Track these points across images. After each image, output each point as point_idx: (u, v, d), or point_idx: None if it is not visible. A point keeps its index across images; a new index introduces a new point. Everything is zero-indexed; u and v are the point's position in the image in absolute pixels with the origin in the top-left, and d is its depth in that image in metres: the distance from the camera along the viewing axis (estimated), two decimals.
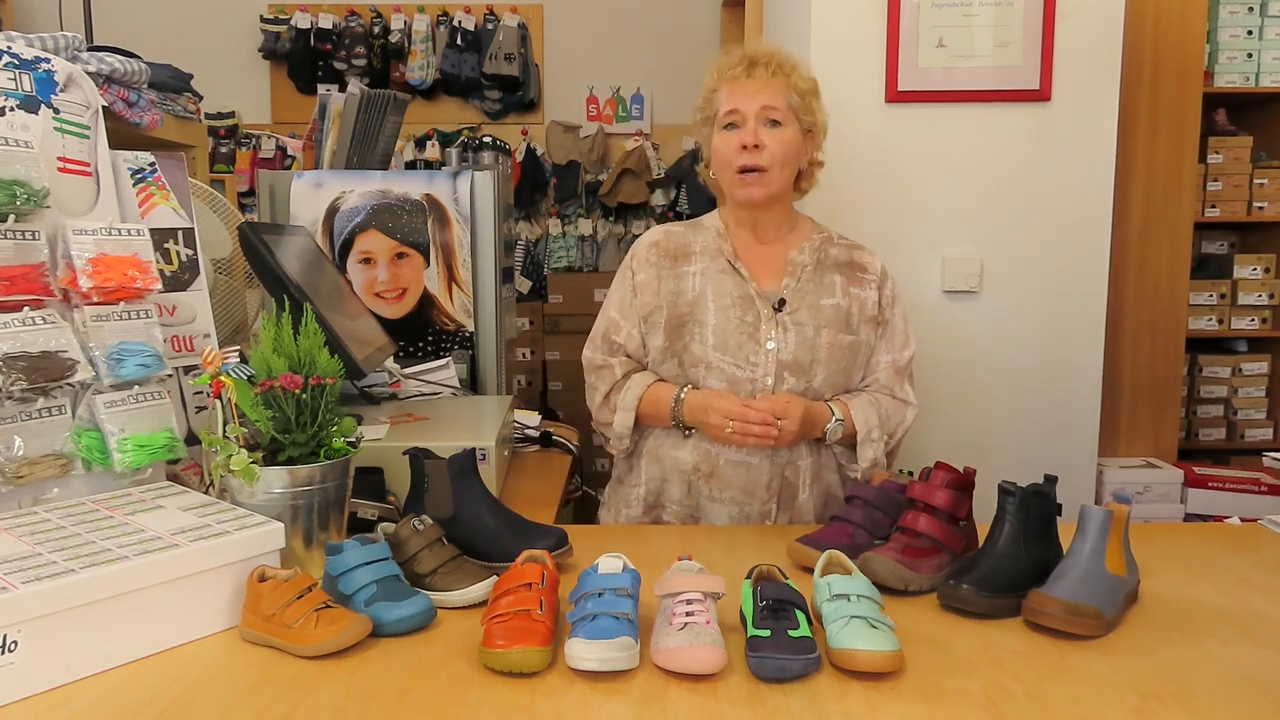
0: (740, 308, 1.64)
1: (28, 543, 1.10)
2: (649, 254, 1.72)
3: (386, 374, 2.13)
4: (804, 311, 1.64)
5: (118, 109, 1.64)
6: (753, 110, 1.61)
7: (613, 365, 1.70)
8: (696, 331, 1.64)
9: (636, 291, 1.70)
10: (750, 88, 1.62)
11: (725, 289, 1.65)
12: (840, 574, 1.14)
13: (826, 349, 1.62)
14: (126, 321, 1.36)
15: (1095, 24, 2.23)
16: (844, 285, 1.68)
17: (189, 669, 1.05)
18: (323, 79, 4.92)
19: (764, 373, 1.61)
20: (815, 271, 1.68)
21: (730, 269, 1.67)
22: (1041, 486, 1.26)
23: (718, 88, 1.66)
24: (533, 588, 1.09)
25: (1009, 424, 2.35)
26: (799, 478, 1.65)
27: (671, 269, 1.69)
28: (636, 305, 1.70)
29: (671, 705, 0.96)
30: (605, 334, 1.73)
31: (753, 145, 1.60)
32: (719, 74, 1.67)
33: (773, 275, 1.68)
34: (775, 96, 1.62)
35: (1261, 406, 3.59)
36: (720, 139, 1.65)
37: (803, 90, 1.65)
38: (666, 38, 4.90)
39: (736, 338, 1.62)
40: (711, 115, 1.68)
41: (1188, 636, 1.13)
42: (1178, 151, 2.69)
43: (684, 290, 1.67)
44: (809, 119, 1.67)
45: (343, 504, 1.33)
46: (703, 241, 1.71)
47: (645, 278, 1.70)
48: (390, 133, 2.50)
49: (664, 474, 1.68)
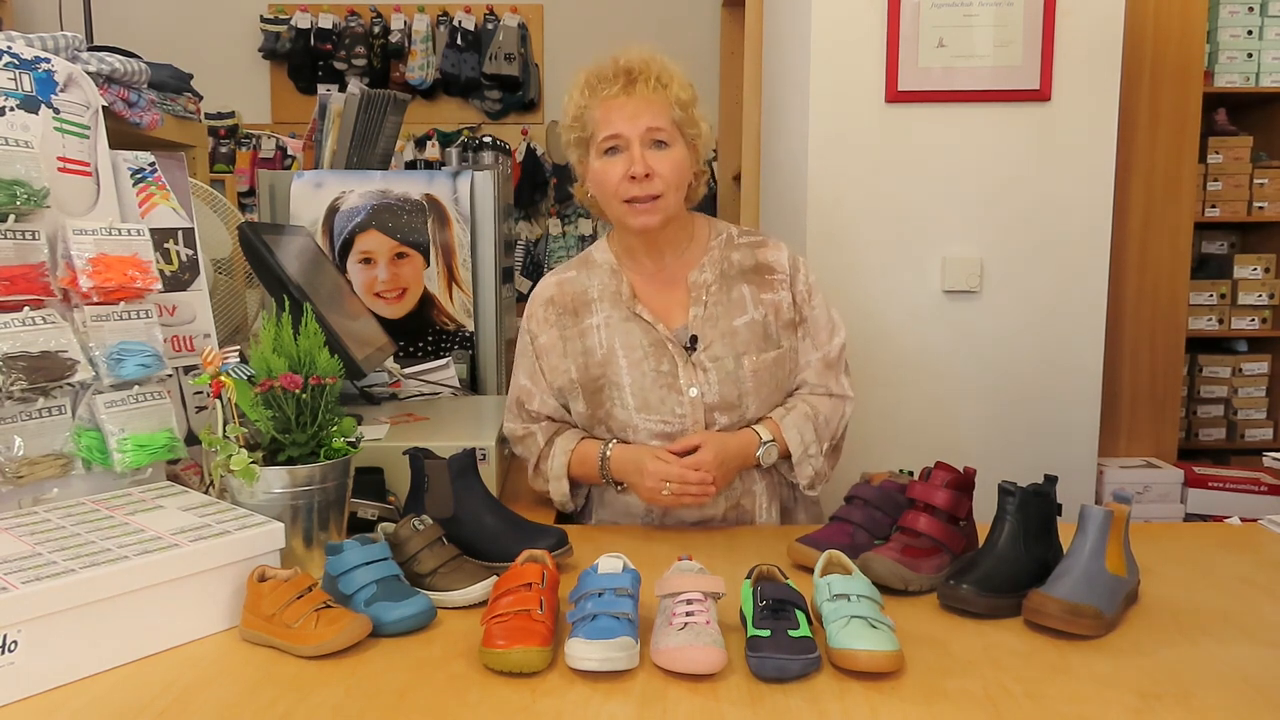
0: (654, 358, 1.54)
1: (28, 543, 1.10)
2: (545, 313, 1.61)
3: (386, 374, 2.13)
4: (718, 344, 1.54)
5: (118, 109, 1.64)
6: (636, 133, 1.46)
7: (534, 433, 1.62)
8: (615, 395, 1.55)
9: (540, 356, 1.61)
10: (630, 108, 1.47)
11: (633, 340, 1.55)
12: (840, 574, 1.14)
13: (752, 377, 1.54)
14: (126, 321, 1.36)
15: (1095, 24, 2.23)
16: (754, 295, 1.58)
17: (189, 669, 1.05)
18: (323, 79, 4.93)
19: (692, 421, 1.53)
20: (721, 289, 1.57)
21: (633, 315, 1.57)
22: (1041, 486, 1.26)
23: (590, 106, 1.50)
24: (533, 588, 1.09)
25: (1009, 424, 2.35)
26: (755, 504, 1.60)
27: (575, 325, 1.59)
28: (545, 371, 1.61)
29: (671, 705, 0.96)
30: (519, 402, 1.64)
31: (643, 176, 1.46)
32: (591, 90, 1.50)
33: (677, 308, 1.58)
34: (659, 115, 1.47)
35: (1261, 406, 3.59)
36: (602, 165, 1.50)
37: (684, 102, 1.51)
38: (666, 38, 4.86)
39: (657, 393, 1.53)
40: (586, 137, 1.53)
41: (1188, 636, 1.13)
42: (1178, 151, 2.69)
43: (592, 349, 1.57)
44: (693, 131, 1.53)
45: (343, 504, 1.33)
46: (599, 284, 1.60)
47: (547, 341, 1.60)
48: (390, 133, 2.50)
49: (614, 518, 1.63)
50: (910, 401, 2.35)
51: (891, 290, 2.32)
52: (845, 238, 2.31)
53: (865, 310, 2.32)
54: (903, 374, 2.34)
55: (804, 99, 2.33)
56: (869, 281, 2.32)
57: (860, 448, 2.32)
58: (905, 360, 2.34)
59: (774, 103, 2.80)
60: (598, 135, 1.50)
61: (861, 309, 2.32)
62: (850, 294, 2.32)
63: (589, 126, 1.52)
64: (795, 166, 2.43)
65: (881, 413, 2.34)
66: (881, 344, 2.33)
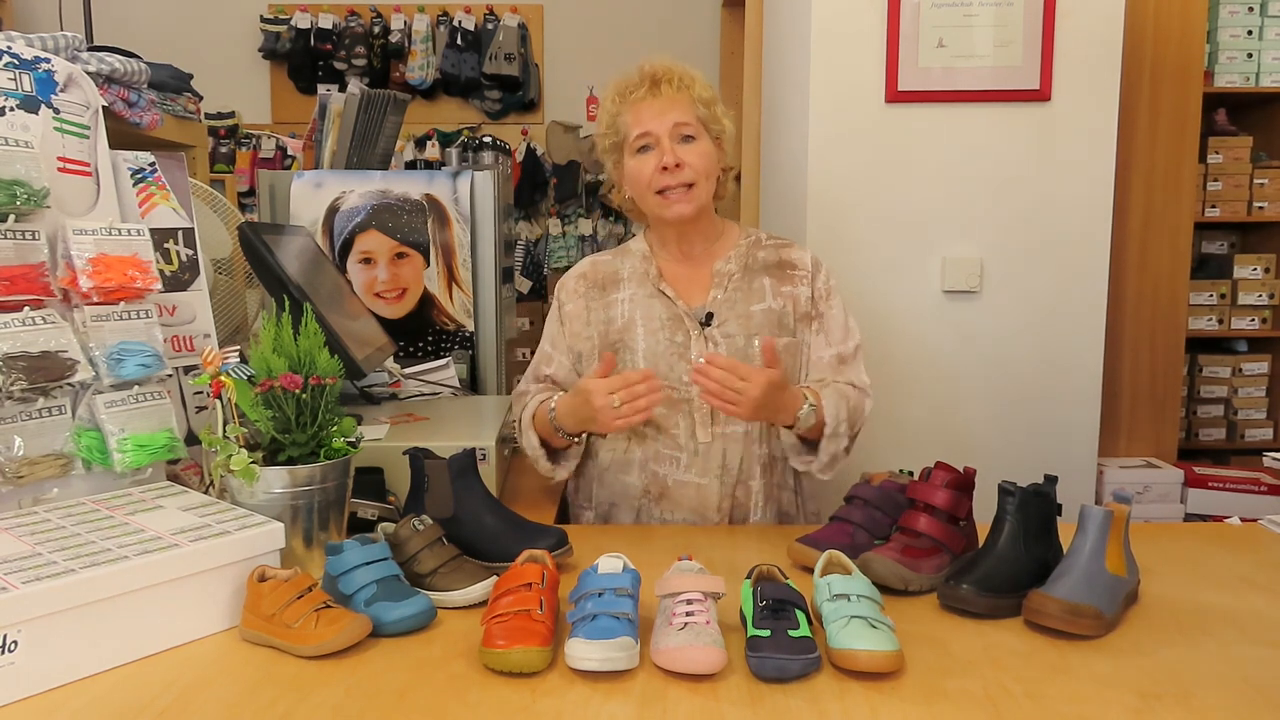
0: (670, 329, 1.62)
1: (28, 543, 1.10)
2: (577, 285, 1.72)
3: (386, 374, 2.13)
4: (733, 322, 1.62)
5: (118, 109, 1.64)
6: (665, 129, 1.58)
7: (529, 391, 1.69)
8: (628, 358, 1.62)
9: (565, 322, 1.70)
10: (657, 107, 1.59)
11: (654, 312, 1.64)
12: (840, 574, 1.14)
13: (761, 357, 1.54)
14: (126, 321, 1.36)
15: (1095, 24, 2.23)
16: (774, 286, 1.66)
17: (189, 669, 1.05)
18: (323, 79, 4.92)
19: (698, 392, 1.52)
20: (743, 278, 1.66)
21: (657, 292, 1.66)
22: (1041, 486, 1.26)
23: (620, 112, 1.62)
24: (533, 588, 1.09)
25: (1009, 424, 2.35)
26: (750, 499, 1.63)
27: (600, 298, 1.69)
28: (566, 336, 1.69)
29: (671, 705, 0.96)
30: (536, 367, 1.72)
31: (674, 165, 1.57)
32: (621, 98, 1.63)
33: (700, 290, 1.66)
34: (684, 112, 1.59)
35: (1261, 406, 3.59)
36: (635, 163, 1.61)
37: (706, 100, 1.62)
38: (666, 38, 4.90)
39: (667, 360, 1.61)
40: (619, 141, 1.64)
41: (1188, 636, 1.13)
42: (1178, 151, 2.69)
43: (614, 318, 1.66)
44: (717, 127, 1.64)
45: (343, 504, 1.33)
46: (630, 267, 1.70)
47: (573, 309, 1.70)
48: (390, 133, 2.50)
49: (612, 498, 1.67)
50: (910, 401, 2.35)
51: (891, 290, 2.32)
52: (845, 238, 2.31)
53: (865, 310, 2.32)
54: (903, 374, 2.34)
55: (804, 99, 2.33)
56: (869, 281, 2.32)
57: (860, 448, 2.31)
58: (905, 360, 2.34)
59: (774, 103, 2.80)
60: (630, 136, 1.61)
61: (862, 309, 2.31)
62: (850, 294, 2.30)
63: (621, 130, 1.63)
64: (795, 166, 2.43)
65: (881, 413, 2.33)
66: (882, 344, 2.33)
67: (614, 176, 1.71)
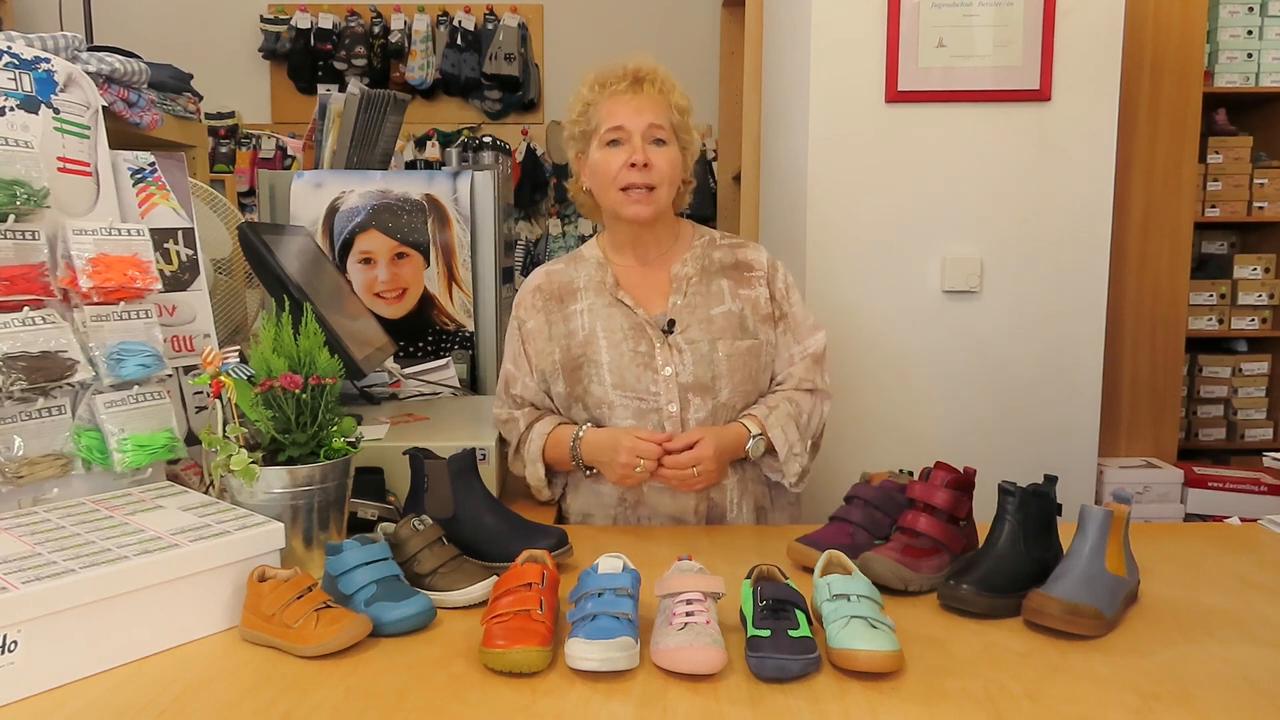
0: (632, 339, 1.60)
1: (28, 543, 1.10)
2: (534, 300, 1.69)
3: (386, 374, 2.13)
4: (695, 328, 1.61)
5: (118, 109, 1.64)
6: (639, 127, 1.57)
7: (517, 418, 1.67)
8: (593, 372, 1.60)
9: (526, 340, 1.68)
10: (636, 104, 1.58)
11: (614, 323, 1.62)
12: (840, 574, 1.14)
13: (726, 361, 1.59)
14: (126, 321, 1.36)
15: (1095, 24, 2.23)
16: (732, 288, 1.64)
17: (189, 669, 1.05)
18: (323, 79, 4.93)
19: (667, 400, 1.57)
20: (701, 281, 1.65)
21: (616, 301, 1.64)
22: (1041, 486, 1.26)
23: (596, 102, 1.61)
24: (533, 588, 1.09)
25: (1009, 424, 2.35)
26: (725, 498, 1.63)
27: (559, 310, 1.66)
28: (529, 355, 1.67)
29: (671, 705, 0.96)
30: (505, 387, 1.70)
31: (642, 164, 1.56)
32: (600, 87, 1.61)
33: (659, 297, 1.65)
34: (660, 115, 1.58)
35: (1261, 406, 3.59)
36: (603, 155, 1.59)
37: (682, 108, 1.62)
38: (666, 38, 4.90)
39: (633, 371, 1.58)
40: (589, 130, 1.62)
41: (1188, 636, 1.13)
42: (1178, 151, 2.69)
43: (574, 331, 1.63)
44: (686, 137, 1.63)
45: (343, 504, 1.33)
46: (585, 275, 1.68)
47: (534, 325, 1.67)
48: (390, 133, 2.51)
49: (588, 508, 1.66)
50: (910, 401, 2.35)
51: (891, 290, 2.32)
52: (845, 237, 2.31)
53: (865, 310, 2.32)
54: (903, 374, 2.34)
55: (804, 99, 2.33)
56: (869, 281, 2.32)
57: (860, 448, 2.33)
58: (905, 360, 2.34)
59: (774, 103, 2.80)
60: (601, 128, 1.60)
61: (861, 309, 2.32)
62: (850, 294, 2.32)
63: (593, 120, 1.61)
64: (795, 166, 2.43)
65: (881, 413, 2.35)
66: (881, 344, 2.33)
67: (575, 166, 1.69)
